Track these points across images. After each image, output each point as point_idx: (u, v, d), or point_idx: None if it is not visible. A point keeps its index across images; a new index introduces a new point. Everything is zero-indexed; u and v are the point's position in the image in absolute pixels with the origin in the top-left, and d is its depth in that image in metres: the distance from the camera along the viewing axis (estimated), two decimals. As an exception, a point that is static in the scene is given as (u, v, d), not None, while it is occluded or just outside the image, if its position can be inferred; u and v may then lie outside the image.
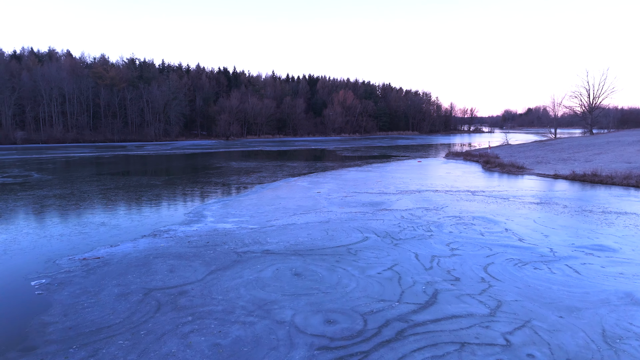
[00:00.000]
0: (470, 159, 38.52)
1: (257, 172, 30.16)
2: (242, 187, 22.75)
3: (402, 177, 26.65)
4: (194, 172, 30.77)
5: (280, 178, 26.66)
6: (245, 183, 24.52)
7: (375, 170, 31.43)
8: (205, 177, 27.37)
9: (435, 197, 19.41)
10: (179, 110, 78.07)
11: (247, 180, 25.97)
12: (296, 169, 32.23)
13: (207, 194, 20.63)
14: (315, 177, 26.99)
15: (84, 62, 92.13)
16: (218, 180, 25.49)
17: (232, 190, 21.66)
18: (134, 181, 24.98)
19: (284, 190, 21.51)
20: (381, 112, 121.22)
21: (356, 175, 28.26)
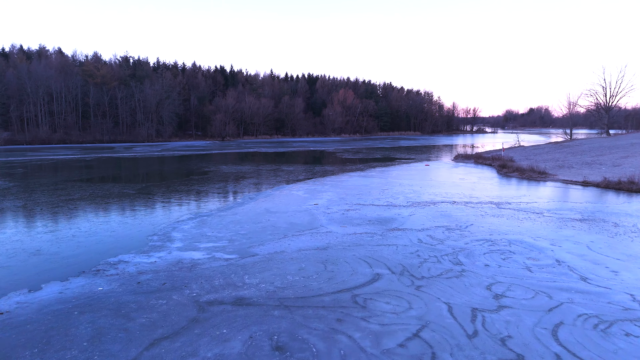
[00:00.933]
0: (482, 162, 35.48)
1: (248, 178, 27.10)
2: (228, 198, 19.68)
3: (410, 185, 23.59)
4: (177, 178, 27.71)
5: (274, 185, 23.60)
6: (232, 192, 21.44)
7: (380, 175, 28.38)
8: (188, 184, 24.30)
9: (455, 210, 16.36)
10: (172, 109, 74.93)
11: (235, 188, 22.89)
12: (292, 174, 29.18)
13: (184, 206, 17.56)
14: (313, 184, 23.93)
15: (76, 60, 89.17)
16: (201, 189, 22.42)
17: (215, 202, 18.59)
18: (105, 190, 21.92)
19: (276, 202, 18.45)
20: (382, 112, 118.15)
21: (359, 181, 25.20)
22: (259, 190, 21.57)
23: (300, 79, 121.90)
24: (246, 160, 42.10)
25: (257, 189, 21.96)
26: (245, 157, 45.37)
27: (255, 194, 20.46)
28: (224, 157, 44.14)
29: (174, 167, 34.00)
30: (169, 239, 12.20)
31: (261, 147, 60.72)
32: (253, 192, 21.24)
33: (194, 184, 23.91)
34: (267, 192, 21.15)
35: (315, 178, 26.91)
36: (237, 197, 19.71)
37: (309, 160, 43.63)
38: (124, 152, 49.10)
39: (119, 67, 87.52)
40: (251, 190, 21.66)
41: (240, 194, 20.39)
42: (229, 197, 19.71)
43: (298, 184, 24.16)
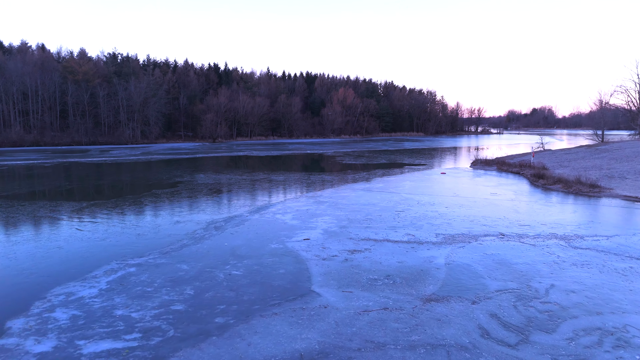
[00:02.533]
0: (507, 169, 30.14)
1: (224, 193, 21.75)
2: (184, 228, 14.29)
3: (432, 203, 18.24)
4: (136, 191, 22.34)
5: (255, 204, 18.22)
6: (193, 217, 16.05)
7: (390, 187, 23.03)
8: (143, 202, 18.95)
9: (511, 253, 11.03)
10: (157, 108, 69.44)
11: (200, 210, 17.51)
12: (281, 187, 23.84)
13: (112, 248, 12.18)
14: (306, 202, 18.56)
15: (61, 57, 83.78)
16: (156, 211, 17.05)
17: (163, 237, 13.20)
18: (26, 211, 16.56)
19: (250, 235, 13.09)
20: (384, 112, 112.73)
21: (364, 197, 19.85)
22: (232, 214, 16.18)
23: (298, 78, 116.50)
24: (232, 166, 36.72)
25: (229, 212, 16.56)
26: (232, 163, 40.00)
27: (225, 220, 15.05)
28: (208, 163, 38.75)
29: (142, 175, 28.60)
30: (39, 333, 6.81)
31: (254, 150, 55.37)
32: (223, 216, 15.87)
33: (151, 203, 18.52)
34: (243, 216, 15.75)
35: (309, 192, 21.55)
36: (198, 226, 14.34)
37: (305, 166, 38.27)
38: (97, 156, 43.69)
39: (105, 64, 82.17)
40: (222, 213, 16.28)
41: (203, 222, 15.02)
42: (186, 226, 14.35)
43: (287, 202, 18.77)
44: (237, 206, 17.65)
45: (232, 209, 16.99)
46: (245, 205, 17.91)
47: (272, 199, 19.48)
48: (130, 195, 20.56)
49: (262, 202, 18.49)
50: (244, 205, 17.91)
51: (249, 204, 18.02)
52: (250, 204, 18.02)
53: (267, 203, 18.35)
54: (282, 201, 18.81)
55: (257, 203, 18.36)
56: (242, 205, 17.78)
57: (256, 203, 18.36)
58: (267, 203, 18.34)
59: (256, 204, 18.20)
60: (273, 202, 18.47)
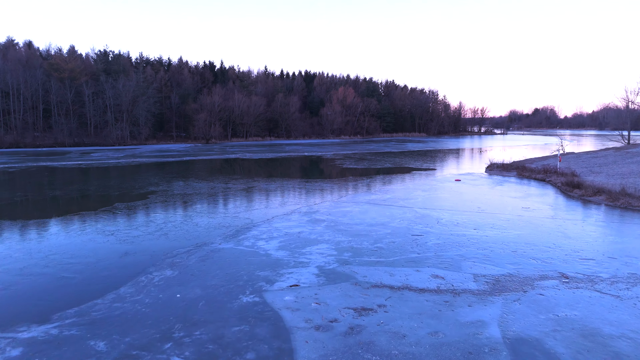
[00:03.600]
0: (529, 175, 26.57)
1: (200, 208, 18.17)
2: (128, 266, 10.69)
3: (456, 222, 14.67)
4: (89, 205, 18.78)
5: (233, 227, 14.60)
6: (149, 247, 12.46)
7: (400, 199, 19.44)
8: (88, 222, 15.39)
9: (595, 314, 7.49)
10: (147, 108, 65.65)
11: (163, 233, 13.92)
12: (271, 199, 20.26)
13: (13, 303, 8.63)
14: (299, 221, 14.97)
15: (50, 54, 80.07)
16: (104, 239, 13.47)
17: (90, 282, 9.63)
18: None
19: (216, 281, 9.49)
20: (385, 112, 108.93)
21: (371, 213, 16.26)
22: (201, 241, 12.58)
23: (297, 77, 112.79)
24: (221, 170, 33.13)
25: (197, 238, 12.93)
26: (222, 166, 36.42)
27: (188, 252, 11.44)
28: (195, 167, 35.16)
29: (112, 183, 24.99)
30: None
31: (247, 152, 51.77)
32: (189, 243, 12.27)
33: (100, 224, 14.90)
34: (214, 245, 12.13)
35: (304, 205, 17.96)
36: (149, 262, 10.75)
37: (301, 170, 34.68)
38: (74, 160, 40.05)
39: (95, 62, 78.52)
40: (188, 239, 12.68)
41: (158, 253, 11.43)
42: (133, 262, 10.76)
43: (275, 221, 15.16)
44: (210, 228, 14.04)
45: (203, 233, 13.38)
46: (221, 226, 14.30)
47: (257, 216, 15.88)
48: (83, 212, 16.94)
49: (244, 222, 14.88)
50: (219, 226, 14.30)
51: (226, 225, 14.41)
52: (227, 225, 14.41)
53: (250, 223, 14.74)
54: (269, 220, 15.20)
55: (236, 222, 14.75)
56: (216, 227, 14.17)
57: (236, 222, 14.75)
58: (249, 223, 14.73)
59: (235, 223, 14.60)
60: (257, 222, 14.87)
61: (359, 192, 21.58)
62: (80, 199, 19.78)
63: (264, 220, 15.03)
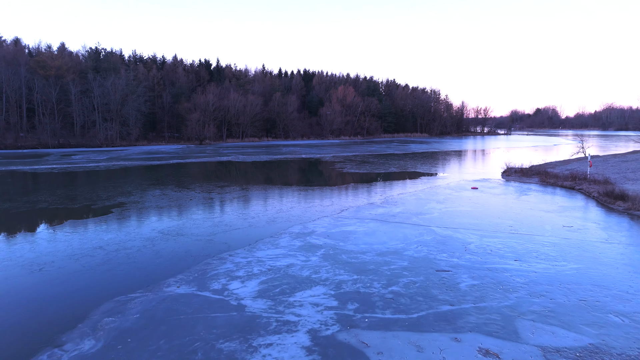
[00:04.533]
0: (555, 182, 23.44)
1: (167, 228, 15.01)
2: (33, 333, 7.53)
3: (489, 248, 11.51)
4: (31, 222, 15.64)
5: (200, 256, 11.43)
6: (79, 290, 9.32)
7: (413, 213, 16.27)
8: (20, 247, 12.24)
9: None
10: (136, 107, 62.34)
11: (105, 271, 10.77)
12: (257, 215, 17.09)
13: None
14: (288, 248, 11.80)
15: (39, 51, 76.84)
16: (29, 277, 10.34)
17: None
18: None
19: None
20: (386, 112, 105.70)
21: (380, 235, 13.10)
22: (155, 279, 9.41)
23: (295, 76, 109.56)
24: (207, 176, 29.97)
25: (151, 275, 9.77)
26: (209, 171, 33.26)
27: (130, 301, 8.26)
28: (178, 172, 31.98)
29: (80, 192, 21.81)
30: None
31: (242, 154, 48.60)
32: (141, 282, 9.13)
33: (43, 249, 11.74)
34: (167, 290, 8.94)
35: (297, 222, 14.78)
36: (70, 319, 7.61)
37: (297, 176, 31.52)
38: (50, 163, 36.83)
39: (86, 59, 75.33)
40: (140, 276, 9.52)
41: (91, 299, 8.29)
42: (50, 312, 7.64)
43: (258, 246, 11.98)
44: (172, 259, 10.86)
45: (161, 267, 10.21)
46: (187, 255, 11.13)
47: (237, 239, 12.72)
48: (17, 233, 13.76)
49: (218, 248, 11.72)
50: (185, 255, 11.13)
51: (195, 254, 11.24)
52: (196, 254, 11.23)
53: (226, 249, 11.58)
54: (252, 245, 12.03)
55: (209, 250, 11.58)
56: (181, 257, 10.99)
57: (208, 250, 11.58)
58: (225, 250, 11.56)
59: (207, 251, 11.43)
60: (235, 248, 11.70)
61: (362, 204, 18.42)
62: (24, 214, 16.60)
63: (245, 246, 11.86)
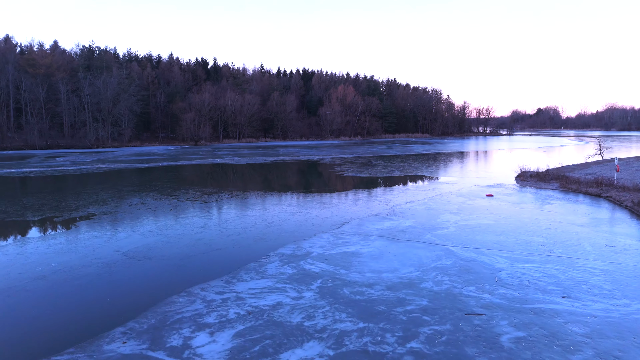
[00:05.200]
0: (577, 188, 21.20)
1: (132, 254, 12.75)
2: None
3: (525, 279, 9.27)
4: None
5: (164, 297, 9.17)
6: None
7: (426, 228, 14.02)
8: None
9: None
10: (128, 106, 60.02)
11: (36, 321, 8.47)
12: (243, 230, 14.85)
13: None
14: (276, 277, 9.53)
15: (31, 49, 74.60)
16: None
17: None
18: None
19: None
20: (387, 111, 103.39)
21: (389, 258, 10.86)
22: (93, 331, 7.14)
23: (294, 75, 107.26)
24: (194, 181, 27.72)
25: (87, 326, 7.50)
26: (198, 175, 31.01)
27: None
28: (165, 176, 29.73)
29: (48, 200, 19.54)
30: None
31: (237, 155, 46.34)
32: (76, 334, 6.85)
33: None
34: (107, 348, 6.67)
35: (289, 241, 12.51)
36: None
37: (293, 181, 29.27)
38: (29, 166, 34.57)
39: (79, 57, 73.10)
40: (71, 328, 7.24)
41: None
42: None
43: (238, 275, 9.70)
44: (124, 296, 8.59)
45: (101, 316, 7.91)
46: (145, 292, 8.84)
47: (214, 263, 10.46)
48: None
49: (187, 279, 9.45)
50: (143, 292, 8.84)
51: (157, 287, 8.97)
52: (158, 287, 8.96)
53: (196, 280, 9.31)
54: (230, 274, 9.76)
55: (174, 282, 9.30)
56: (138, 295, 8.70)
57: (173, 283, 9.29)
58: (194, 281, 9.29)
59: (172, 284, 9.14)
60: (209, 278, 9.43)
61: (366, 215, 16.16)
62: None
63: (223, 274, 9.61)
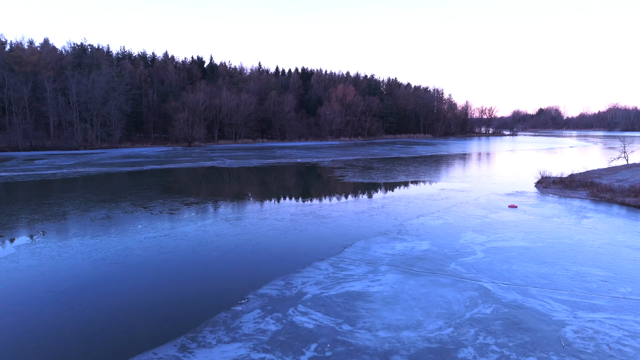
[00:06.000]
0: (611, 198, 18.54)
1: (64, 298, 10.05)
2: None
3: (600, 336, 6.53)
4: None
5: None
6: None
7: (450, 259, 11.35)
8: None
9: None
10: (117, 105, 57.16)
11: None
12: (214, 259, 12.17)
13: None
14: (253, 345, 6.82)
15: (20, 47, 71.82)
16: None
17: None
18: None
19: None
20: (388, 111, 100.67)
21: (409, 311, 8.22)
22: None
23: (293, 74, 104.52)
24: (177, 187, 25.02)
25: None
26: (183, 181, 28.30)
27: None
28: (146, 181, 27.02)
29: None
30: None
31: (230, 158, 43.64)
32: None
33: None
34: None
35: (275, 276, 9.82)
36: None
37: (286, 189, 26.57)
38: (2, 170, 31.87)
39: (67, 55, 70.34)
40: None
41: None
42: None
43: (202, 332, 6.99)
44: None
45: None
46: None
47: (169, 318, 7.77)
48: None
49: (126, 345, 6.75)
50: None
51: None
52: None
53: (142, 346, 6.61)
54: (189, 333, 7.06)
55: (104, 351, 6.60)
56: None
57: (103, 350, 6.60)
58: (138, 348, 6.60)
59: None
60: (158, 342, 6.72)
61: (372, 234, 13.48)
62: None
63: (179, 334, 6.91)
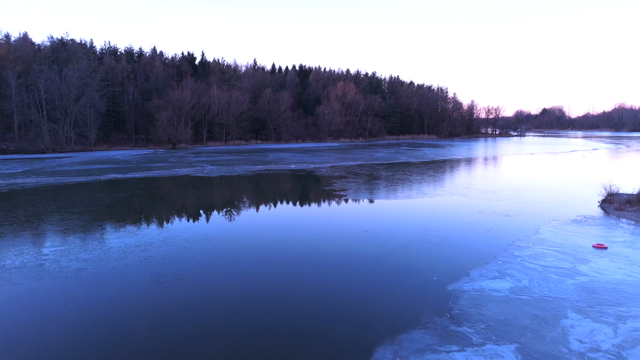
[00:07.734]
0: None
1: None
2: None
3: None
4: None
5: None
6: None
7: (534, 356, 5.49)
8: None
9: None
10: (90, 103, 51.39)
11: None
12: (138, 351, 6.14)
13: None
14: None
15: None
16: None
17: None
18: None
19: None
20: (390, 111, 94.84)
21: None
22: None
23: (290, 71, 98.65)
24: (119, 208, 19.22)
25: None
26: (132, 198, 22.49)
27: None
28: (89, 198, 21.22)
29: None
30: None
31: (213, 164, 37.83)
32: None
33: None
34: None
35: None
36: None
37: (267, 213, 20.73)
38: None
39: (46, 49, 64.52)
40: None
41: None
42: None
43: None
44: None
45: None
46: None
47: None
48: None
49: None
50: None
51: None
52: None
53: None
54: None
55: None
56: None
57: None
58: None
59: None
60: None
61: (400, 326, 7.69)
62: None
63: None
